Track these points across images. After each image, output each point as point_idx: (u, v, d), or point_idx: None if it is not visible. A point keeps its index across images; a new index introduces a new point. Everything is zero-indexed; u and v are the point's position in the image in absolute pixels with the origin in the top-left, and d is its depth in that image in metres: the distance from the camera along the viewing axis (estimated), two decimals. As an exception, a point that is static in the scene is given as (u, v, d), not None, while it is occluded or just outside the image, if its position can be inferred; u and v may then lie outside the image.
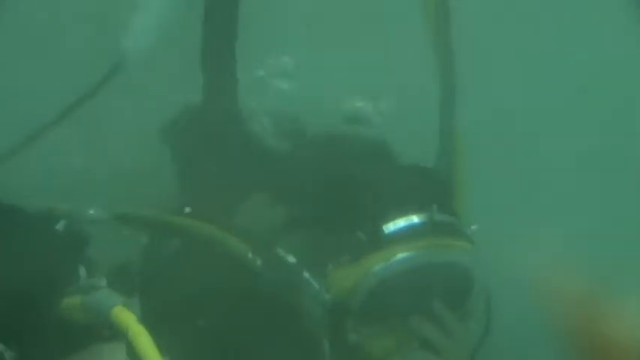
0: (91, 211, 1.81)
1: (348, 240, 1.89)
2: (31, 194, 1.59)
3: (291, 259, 1.89)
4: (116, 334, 1.36)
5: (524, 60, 2.71)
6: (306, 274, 1.88)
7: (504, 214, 2.47)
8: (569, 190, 2.65)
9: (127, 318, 1.35)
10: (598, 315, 1.35)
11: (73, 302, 1.42)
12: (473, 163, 2.20)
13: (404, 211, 1.89)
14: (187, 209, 1.99)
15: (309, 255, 1.91)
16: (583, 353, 1.33)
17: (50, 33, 2.40)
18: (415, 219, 1.90)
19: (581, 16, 2.65)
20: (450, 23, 2.15)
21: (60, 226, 1.50)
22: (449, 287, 1.93)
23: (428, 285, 1.90)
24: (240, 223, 1.99)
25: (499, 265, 2.12)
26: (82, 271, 1.46)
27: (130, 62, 2.21)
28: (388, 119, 2.16)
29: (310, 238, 1.96)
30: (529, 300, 1.49)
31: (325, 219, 1.96)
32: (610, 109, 2.71)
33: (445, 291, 1.94)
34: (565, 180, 2.65)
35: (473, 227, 2.00)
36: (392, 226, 1.89)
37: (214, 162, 2.08)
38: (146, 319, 1.35)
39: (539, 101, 2.71)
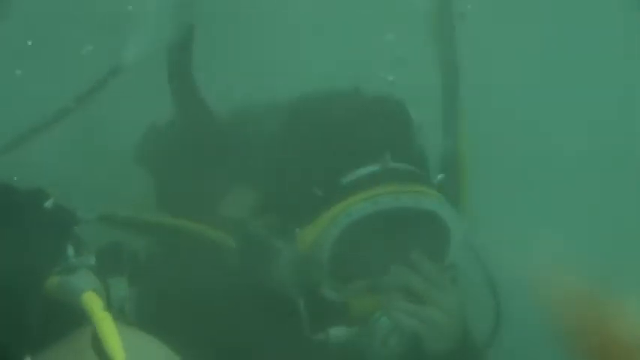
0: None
1: (306, 199, 1.91)
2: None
3: (262, 231, 1.93)
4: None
5: (526, 60, 2.71)
6: (277, 242, 1.92)
7: (506, 213, 2.46)
8: (570, 189, 2.65)
9: (95, 304, 1.32)
10: (599, 315, 1.35)
11: (54, 282, 1.40)
12: (476, 163, 2.20)
13: (359, 162, 1.91)
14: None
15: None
16: (585, 353, 1.33)
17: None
18: (371, 168, 1.91)
19: (582, 14, 2.65)
20: (453, 24, 2.16)
21: (49, 203, 1.47)
22: (423, 238, 1.94)
23: (398, 236, 1.92)
24: (224, 214, 2.02)
25: (502, 264, 2.14)
26: (70, 250, 1.44)
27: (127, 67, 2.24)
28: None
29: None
30: (532, 300, 1.49)
31: (281, 183, 1.98)
32: (612, 108, 2.72)
33: (421, 243, 1.94)
34: (566, 179, 2.65)
35: (439, 177, 2.01)
36: (347, 178, 1.91)
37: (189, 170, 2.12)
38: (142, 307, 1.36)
39: (541, 99, 2.71)
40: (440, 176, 2.01)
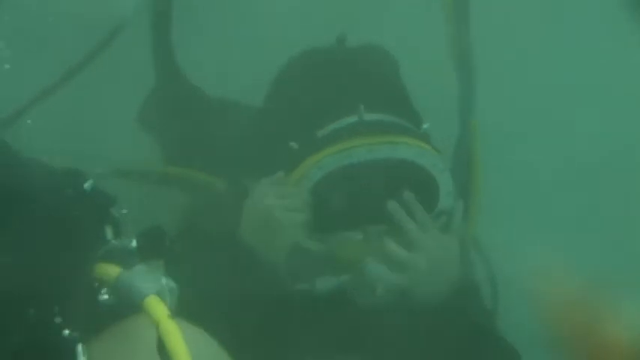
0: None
1: (284, 153, 1.94)
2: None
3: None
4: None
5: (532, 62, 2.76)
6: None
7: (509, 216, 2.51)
8: (564, 194, 2.69)
9: (159, 312, 1.30)
10: (593, 318, 1.35)
11: (108, 272, 1.37)
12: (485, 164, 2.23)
13: (336, 115, 1.93)
14: None
15: None
16: (579, 356, 1.33)
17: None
18: (347, 121, 1.93)
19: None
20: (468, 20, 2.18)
21: (88, 185, 1.43)
22: (406, 188, 1.91)
23: (378, 187, 1.91)
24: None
25: (503, 267, 2.19)
26: (109, 232, 1.42)
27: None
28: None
29: None
30: (527, 303, 1.49)
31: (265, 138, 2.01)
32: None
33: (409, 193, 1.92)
34: (559, 183, 2.71)
35: (424, 126, 2.00)
36: (323, 131, 1.93)
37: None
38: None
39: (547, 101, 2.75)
40: (425, 125, 1.98)
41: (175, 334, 1.25)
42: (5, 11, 2.25)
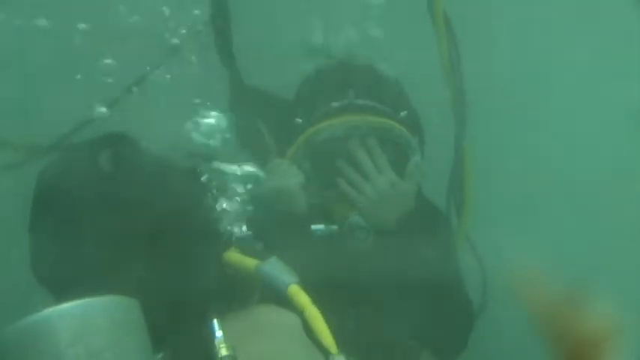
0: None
1: (293, 127, 2.42)
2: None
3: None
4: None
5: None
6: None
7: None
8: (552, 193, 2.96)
9: (304, 299, 1.53)
10: (573, 316, 1.31)
11: (244, 262, 1.60)
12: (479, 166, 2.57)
13: (332, 99, 2.38)
14: None
15: None
16: (558, 354, 1.33)
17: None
18: (341, 102, 2.37)
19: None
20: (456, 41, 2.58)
21: (204, 178, 1.62)
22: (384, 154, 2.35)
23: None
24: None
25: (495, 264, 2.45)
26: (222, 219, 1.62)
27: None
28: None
29: None
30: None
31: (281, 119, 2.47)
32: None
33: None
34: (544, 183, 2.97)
35: (402, 113, 2.41)
36: (321, 110, 2.38)
37: None
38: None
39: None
40: (403, 113, 2.40)
41: (319, 318, 1.49)
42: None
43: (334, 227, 2.30)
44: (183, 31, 2.49)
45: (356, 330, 2.07)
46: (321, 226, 2.30)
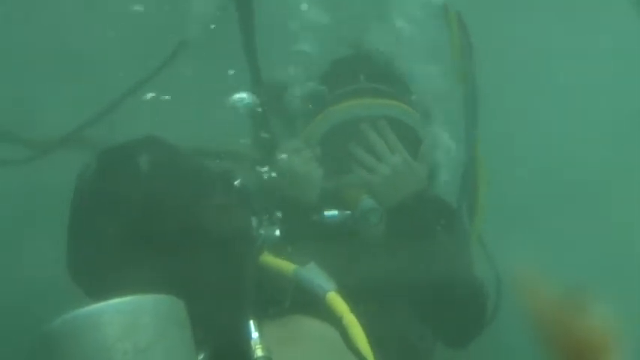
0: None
1: (305, 112, 2.42)
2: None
3: None
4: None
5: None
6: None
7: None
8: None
9: (342, 306, 1.54)
10: (571, 319, 1.31)
11: (282, 267, 1.61)
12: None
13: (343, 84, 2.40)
14: None
15: None
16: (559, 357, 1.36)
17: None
18: (352, 86, 2.39)
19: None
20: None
21: (237, 182, 1.61)
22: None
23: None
24: None
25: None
26: (254, 222, 1.61)
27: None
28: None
29: None
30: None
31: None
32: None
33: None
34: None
35: (413, 97, 2.43)
36: (332, 94, 2.39)
37: None
38: None
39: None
40: (414, 97, 2.42)
41: (357, 325, 1.50)
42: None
43: (347, 212, 2.30)
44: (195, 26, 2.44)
45: (383, 332, 2.05)
46: (334, 212, 2.30)
